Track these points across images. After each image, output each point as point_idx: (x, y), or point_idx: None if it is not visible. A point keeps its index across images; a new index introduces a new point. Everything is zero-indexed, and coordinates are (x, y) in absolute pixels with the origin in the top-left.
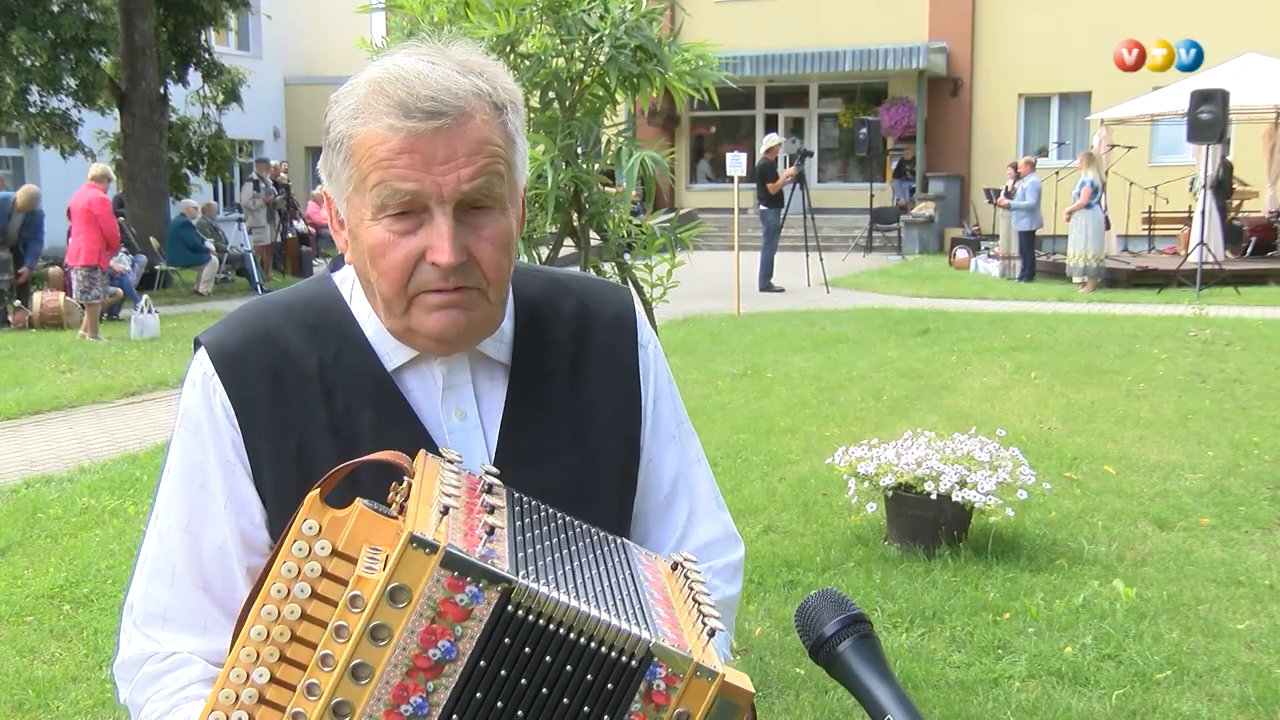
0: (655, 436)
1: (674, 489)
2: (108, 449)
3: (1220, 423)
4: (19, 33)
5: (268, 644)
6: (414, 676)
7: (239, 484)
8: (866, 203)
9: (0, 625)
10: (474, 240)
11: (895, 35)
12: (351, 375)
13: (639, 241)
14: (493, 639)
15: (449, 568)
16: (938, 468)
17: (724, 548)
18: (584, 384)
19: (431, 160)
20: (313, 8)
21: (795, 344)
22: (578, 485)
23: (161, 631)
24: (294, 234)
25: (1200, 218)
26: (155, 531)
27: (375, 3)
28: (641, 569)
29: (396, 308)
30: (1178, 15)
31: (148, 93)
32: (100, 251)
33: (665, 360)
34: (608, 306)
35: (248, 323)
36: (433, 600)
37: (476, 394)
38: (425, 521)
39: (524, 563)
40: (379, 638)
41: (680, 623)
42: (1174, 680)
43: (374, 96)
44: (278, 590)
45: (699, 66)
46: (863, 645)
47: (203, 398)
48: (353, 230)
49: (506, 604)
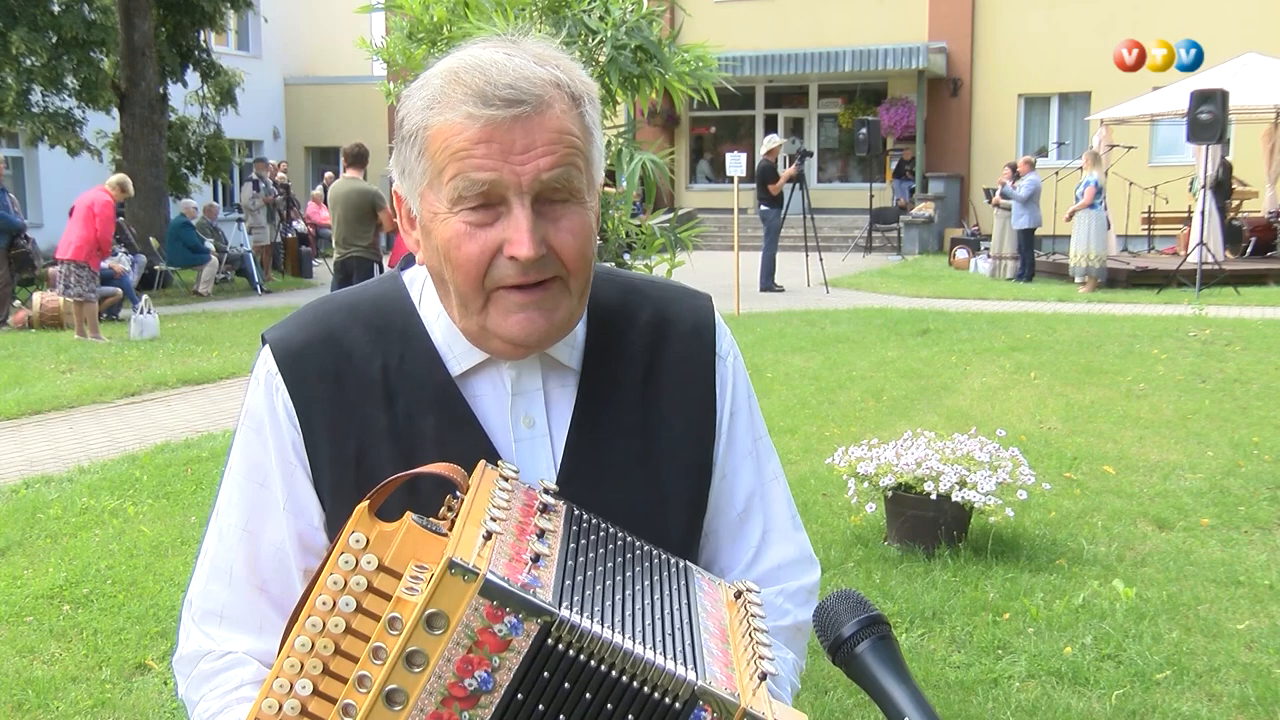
0: (731, 452)
1: (748, 507)
2: (108, 449)
3: (1220, 423)
4: (20, 33)
5: (311, 656)
6: (449, 706)
7: (298, 485)
8: (866, 203)
9: (0, 625)
10: (552, 231)
11: (895, 35)
12: (415, 380)
13: (639, 241)
14: (531, 672)
15: (488, 597)
16: (937, 468)
17: (798, 570)
18: (657, 395)
19: (510, 149)
20: (312, 8)
21: (795, 344)
22: (646, 500)
23: (218, 629)
24: (294, 234)
25: (1200, 218)
26: (216, 529)
27: (375, 3)
28: (700, 598)
29: (473, 305)
30: (1178, 15)
31: (147, 93)
32: (91, 250)
33: (745, 373)
34: (686, 316)
35: (313, 322)
36: (470, 629)
37: (546, 401)
38: (469, 545)
39: (569, 591)
40: (415, 664)
41: (734, 661)
42: (1174, 680)
43: (451, 86)
44: (323, 603)
45: (699, 67)
46: (881, 646)
47: (266, 396)
48: (426, 226)
49: (546, 637)
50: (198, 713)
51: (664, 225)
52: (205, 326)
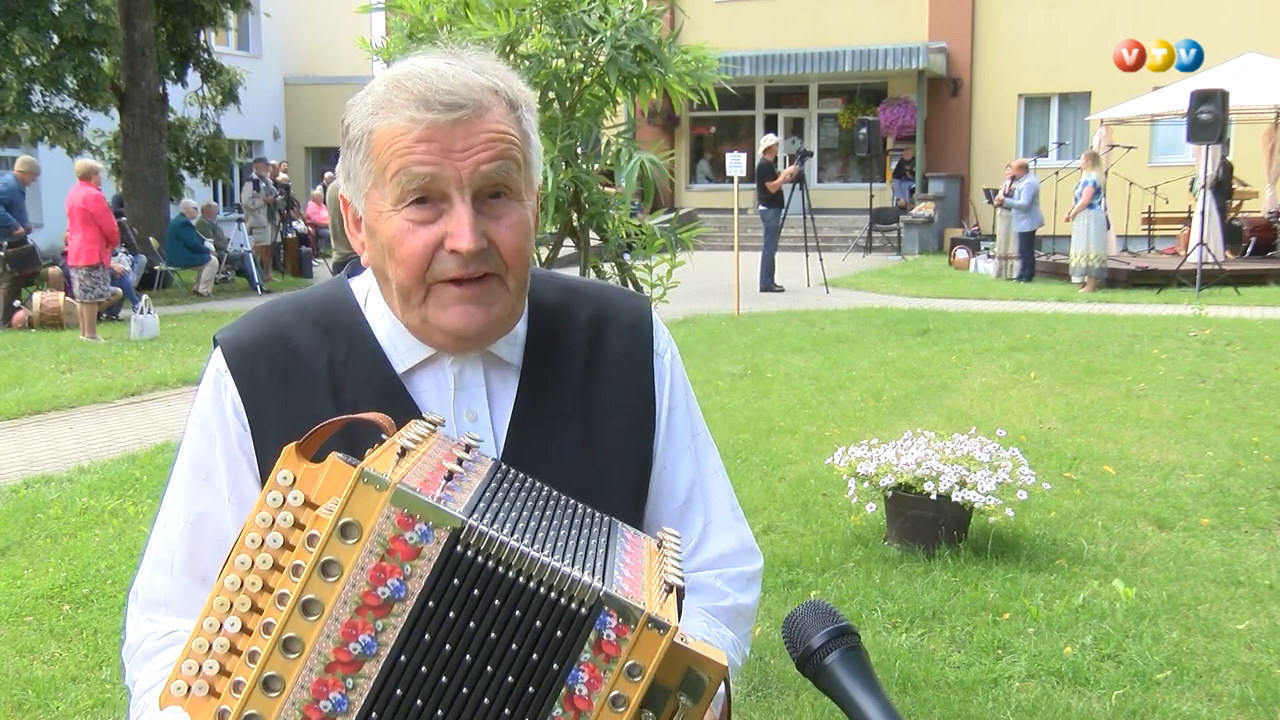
0: (670, 445)
1: (689, 499)
2: (108, 449)
3: (1220, 423)
4: (20, 32)
5: (240, 593)
6: (363, 614)
7: (243, 480)
8: (866, 203)
9: (0, 625)
10: (493, 227)
11: (895, 35)
12: (360, 375)
13: (639, 242)
14: (441, 579)
15: (399, 504)
16: (937, 468)
17: (740, 559)
18: (597, 388)
19: (450, 148)
20: (312, 8)
21: (795, 344)
22: (587, 488)
23: (163, 616)
24: (294, 234)
25: (1200, 218)
26: (161, 521)
27: (375, 3)
28: (621, 541)
29: (414, 298)
30: (1178, 15)
31: (147, 93)
32: (101, 249)
33: (683, 370)
34: (625, 314)
35: (261, 321)
36: (383, 537)
37: (489, 396)
38: (385, 462)
39: (481, 511)
40: (329, 574)
41: (643, 583)
42: (1174, 680)
43: (394, 93)
44: (252, 540)
45: (699, 68)
46: (850, 657)
47: (214, 394)
48: (371, 225)
49: (456, 544)
50: (138, 689)
51: (664, 225)
52: (205, 326)
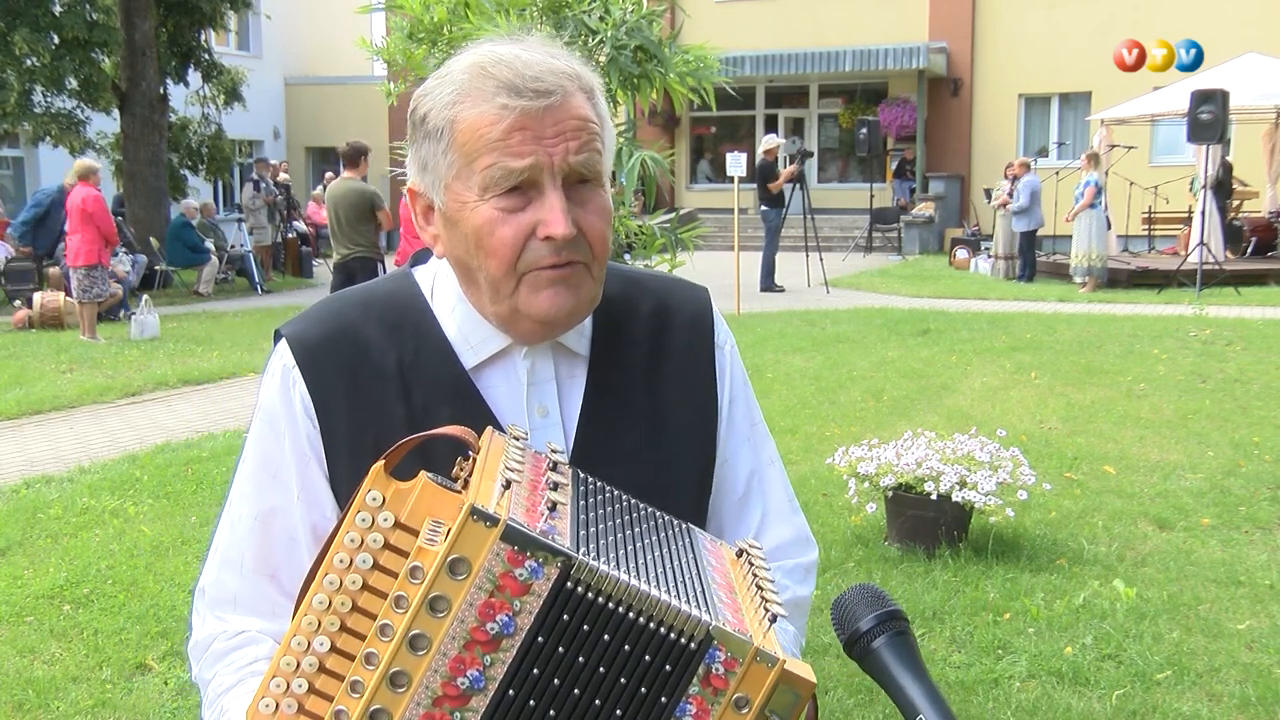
0: (730, 437)
1: (748, 490)
2: (108, 449)
3: (1220, 423)
4: (21, 33)
5: (329, 613)
6: (471, 650)
7: (312, 478)
8: (866, 203)
9: (0, 625)
10: (581, 214)
11: (895, 35)
12: (430, 373)
13: (639, 242)
14: (551, 615)
15: (509, 541)
16: (938, 468)
17: (796, 550)
18: (661, 383)
19: (541, 135)
20: (313, 8)
21: (795, 344)
22: (654, 484)
23: (232, 614)
24: (294, 234)
25: (1200, 218)
26: (228, 519)
27: (376, 3)
28: (705, 554)
29: (505, 288)
30: (1178, 15)
31: (148, 93)
32: (100, 249)
33: (741, 361)
34: (686, 306)
35: (328, 317)
36: (492, 574)
37: (559, 390)
38: (488, 495)
39: (585, 540)
40: (437, 609)
41: (743, 608)
42: (1174, 680)
43: (479, 80)
44: (340, 560)
45: (699, 68)
46: (898, 642)
47: (281, 390)
48: (453, 216)
49: (566, 580)
50: (211, 689)
51: (664, 225)
52: (205, 326)
